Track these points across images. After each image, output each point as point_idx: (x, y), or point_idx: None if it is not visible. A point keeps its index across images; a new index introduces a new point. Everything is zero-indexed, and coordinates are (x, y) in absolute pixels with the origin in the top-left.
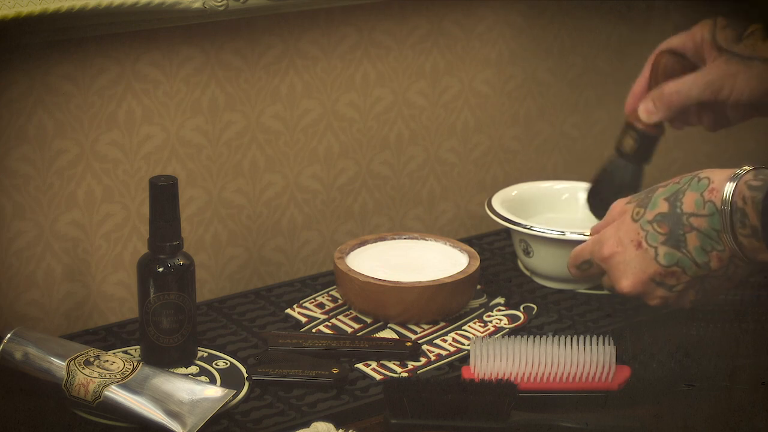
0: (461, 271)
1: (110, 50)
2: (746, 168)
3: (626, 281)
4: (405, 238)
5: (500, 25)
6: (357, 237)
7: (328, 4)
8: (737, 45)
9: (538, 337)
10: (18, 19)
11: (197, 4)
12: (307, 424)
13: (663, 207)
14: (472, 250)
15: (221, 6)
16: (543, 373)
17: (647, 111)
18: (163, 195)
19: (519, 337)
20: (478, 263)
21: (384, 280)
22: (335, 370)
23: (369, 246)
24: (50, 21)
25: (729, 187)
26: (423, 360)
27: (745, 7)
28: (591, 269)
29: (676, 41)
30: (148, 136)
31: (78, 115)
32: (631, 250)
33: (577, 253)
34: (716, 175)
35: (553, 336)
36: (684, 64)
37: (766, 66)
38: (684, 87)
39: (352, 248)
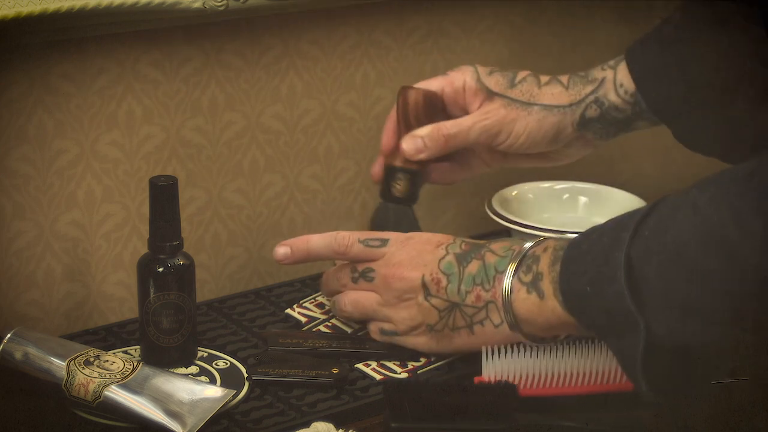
0: None
1: (110, 50)
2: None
3: (404, 267)
4: None
5: (500, 25)
6: None
7: (328, 4)
8: (512, 90)
9: (548, 345)
10: (18, 19)
11: (197, 4)
12: (307, 424)
13: (473, 266)
14: None
15: (221, 6)
16: (557, 382)
17: (416, 149)
18: (163, 195)
19: (530, 348)
20: None
21: None
22: (335, 370)
23: None
24: (50, 21)
25: (533, 244)
26: (423, 360)
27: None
28: (371, 250)
29: (432, 85)
30: (148, 136)
31: (78, 115)
32: (430, 246)
33: (376, 233)
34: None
35: (563, 341)
36: (435, 101)
37: (545, 112)
38: (462, 130)
39: None
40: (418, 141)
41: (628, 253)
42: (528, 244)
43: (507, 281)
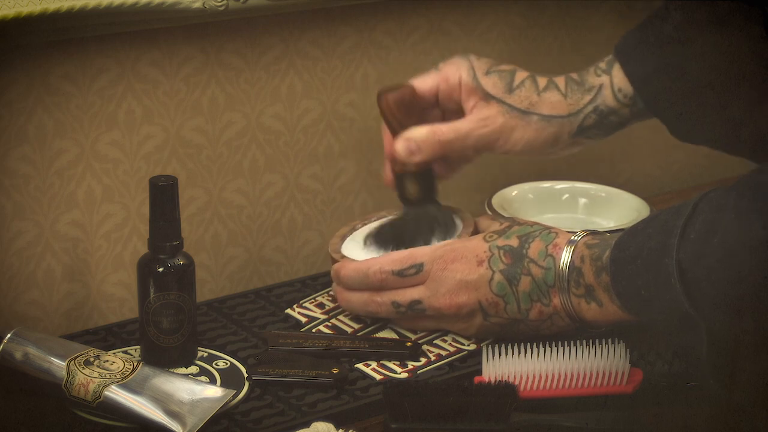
0: None
1: (110, 50)
2: (582, 233)
3: (456, 294)
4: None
5: (500, 25)
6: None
7: (328, 4)
8: (510, 96)
9: (549, 345)
10: (18, 19)
11: (197, 4)
12: (307, 424)
13: (514, 241)
14: None
15: (221, 6)
16: (557, 384)
17: (409, 152)
18: (163, 195)
19: (531, 349)
20: None
21: None
22: (335, 370)
23: (361, 230)
24: (50, 21)
25: (567, 251)
26: (423, 360)
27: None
28: (408, 279)
29: (427, 83)
30: (148, 136)
31: (78, 115)
32: (472, 265)
33: (406, 256)
34: (562, 234)
35: (563, 342)
36: (409, 98)
37: (543, 123)
38: (459, 137)
39: (344, 238)
40: (412, 144)
41: (678, 258)
42: (563, 256)
43: (564, 297)
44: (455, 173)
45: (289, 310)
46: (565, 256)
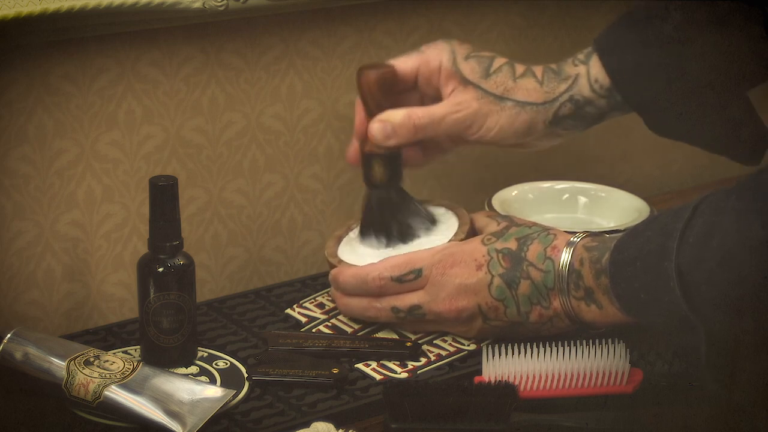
0: None
1: (110, 50)
2: (581, 234)
3: (455, 298)
4: None
5: (500, 25)
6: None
7: (328, 4)
8: (486, 81)
9: (549, 345)
10: (18, 19)
11: (197, 4)
12: (307, 424)
13: (512, 244)
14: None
15: (221, 6)
16: (557, 384)
17: (385, 135)
18: (163, 195)
19: (531, 349)
20: None
21: None
22: (335, 370)
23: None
24: (50, 21)
25: (566, 253)
26: (423, 360)
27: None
28: (407, 284)
29: (408, 64)
30: (148, 136)
31: (78, 115)
32: (471, 269)
33: (405, 261)
34: (561, 235)
35: (563, 342)
36: (390, 79)
37: (518, 109)
38: (433, 120)
39: (340, 239)
40: (388, 127)
41: (678, 262)
42: (562, 258)
43: (564, 300)
44: (430, 162)
45: (289, 310)
46: (564, 259)
